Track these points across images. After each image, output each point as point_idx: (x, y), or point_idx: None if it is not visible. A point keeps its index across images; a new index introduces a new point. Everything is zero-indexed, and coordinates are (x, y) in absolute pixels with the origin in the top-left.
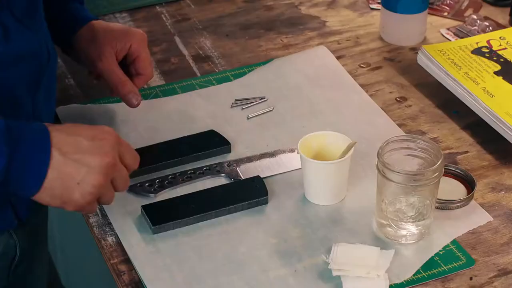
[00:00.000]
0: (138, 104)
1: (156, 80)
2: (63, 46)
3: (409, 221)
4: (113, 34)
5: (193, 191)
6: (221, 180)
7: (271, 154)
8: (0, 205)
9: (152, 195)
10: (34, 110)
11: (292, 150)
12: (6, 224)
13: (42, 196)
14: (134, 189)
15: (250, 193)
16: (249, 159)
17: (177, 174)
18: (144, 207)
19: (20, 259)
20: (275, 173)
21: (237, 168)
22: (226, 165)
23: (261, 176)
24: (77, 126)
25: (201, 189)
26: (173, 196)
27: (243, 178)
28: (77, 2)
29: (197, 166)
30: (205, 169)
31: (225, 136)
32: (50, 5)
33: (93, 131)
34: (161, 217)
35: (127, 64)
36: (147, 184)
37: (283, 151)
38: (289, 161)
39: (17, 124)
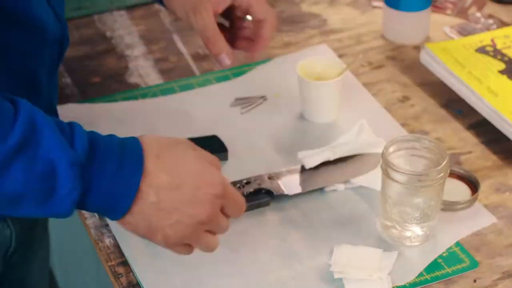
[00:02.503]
0: (230, 64)
1: (155, 79)
2: None
3: (414, 222)
4: None
5: None
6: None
7: (314, 167)
8: None
9: None
10: (50, 94)
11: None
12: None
13: (124, 224)
14: None
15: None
16: (290, 172)
17: None
18: None
19: (15, 249)
20: (320, 187)
21: (279, 181)
22: (266, 177)
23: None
24: (187, 167)
25: None
26: None
27: (285, 193)
28: None
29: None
30: (245, 183)
31: (225, 136)
32: None
33: (200, 180)
34: None
35: (234, 20)
36: None
37: (325, 163)
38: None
39: (105, 139)
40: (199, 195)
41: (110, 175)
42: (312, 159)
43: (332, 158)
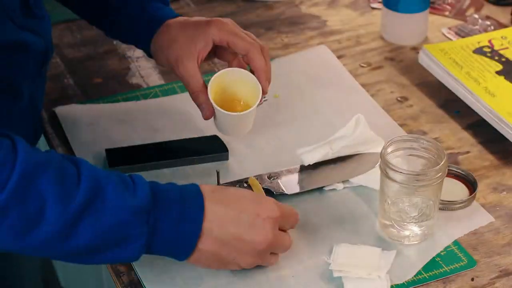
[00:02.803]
0: (208, 118)
1: (156, 80)
2: (144, 49)
3: (412, 222)
4: (189, 33)
5: None
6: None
7: (313, 166)
8: None
9: None
10: (33, 100)
11: (334, 162)
12: None
13: (195, 262)
14: None
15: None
16: (289, 171)
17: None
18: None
19: None
20: (319, 186)
21: (278, 181)
22: (266, 177)
23: (301, 190)
24: (241, 197)
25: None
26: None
27: (285, 192)
28: (159, 2)
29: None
30: (245, 183)
31: (225, 136)
32: (128, 6)
33: (257, 206)
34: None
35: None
36: None
37: (324, 163)
38: (329, 176)
39: (165, 186)
40: (259, 221)
41: (174, 218)
42: (310, 155)
43: (331, 154)
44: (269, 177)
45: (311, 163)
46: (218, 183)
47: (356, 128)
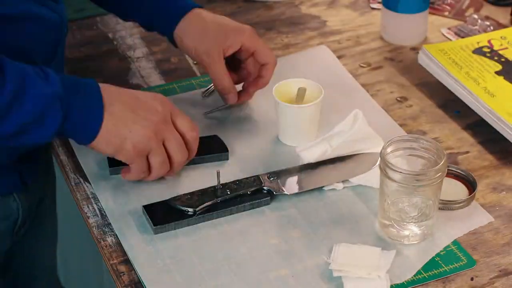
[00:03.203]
0: (234, 101)
1: (156, 80)
2: (164, 33)
3: (411, 221)
4: (223, 31)
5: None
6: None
7: (312, 166)
8: (7, 169)
9: (191, 209)
10: None
11: (333, 161)
12: (11, 188)
13: (99, 143)
14: (171, 202)
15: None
16: (289, 171)
17: (217, 187)
18: (146, 207)
19: (23, 222)
20: (319, 186)
21: (278, 181)
22: (266, 177)
23: (301, 190)
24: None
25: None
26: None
27: (285, 192)
28: None
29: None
30: (245, 183)
31: (225, 135)
32: None
33: (149, 93)
34: (162, 217)
35: (240, 59)
36: (186, 197)
37: (324, 163)
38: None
39: (72, 78)
40: (151, 101)
41: (81, 107)
42: (309, 152)
43: (330, 151)
44: (269, 177)
45: (310, 161)
46: (218, 183)
47: (354, 123)
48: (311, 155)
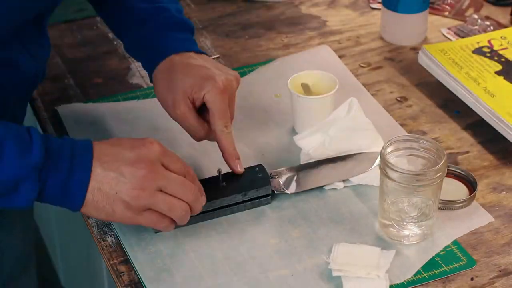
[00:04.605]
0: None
1: None
2: (148, 75)
3: (411, 221)
4: (188, 79)
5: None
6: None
7: (312, 166)
8: None
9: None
10: (15, 118)
11: (334, 161)
12: None
13: (88, 209)
14: None
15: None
16: (290, 170)
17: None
18: None
19: None
20: (319, 185)
21: (279, 180)
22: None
23: (301, 189)
24: (120, 139)
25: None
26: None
27: (286, 191)
28: (179, 32)
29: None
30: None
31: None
32: (147, 27)
33: (134, 142)
34: None
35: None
36: None
37: (324, 162)
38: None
39: (58, 143)
40: (136, 153)
41: (63, 176)
42: (307, 140)
43: (328, 140)
44: (269, 176)
45: (309, 150)
46: (221, 182)
47: (349, 111)
48: (308, 143)
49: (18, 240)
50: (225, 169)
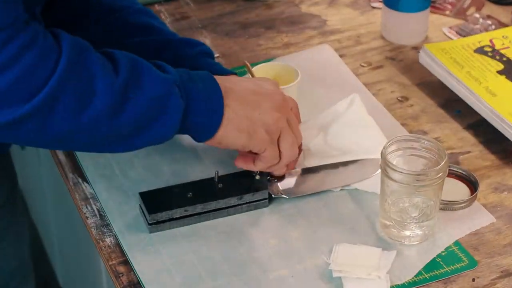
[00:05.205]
0: None
1: None
2: None
3: (412, 222)
4: None
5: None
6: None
7: (314, 170)
8: None
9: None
10: None
11: (335, 166)
12: None
13: (228, 130)
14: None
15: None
16: (290, 174)
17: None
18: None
19: None
20: (319, 191)
21: (278, 184)
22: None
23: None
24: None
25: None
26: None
27: (284, 196)
28: (209, 57)
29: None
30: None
31: None
32: (180, 62)
33: (259, 78)
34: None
35: None
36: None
37: (325, 167)
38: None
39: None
40: (270, 86)
41: (201, 89)
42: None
43: (330, 139)
44: (269, 180)
45: (309, 144)
46: (217, 184)
47: (350, 106)
48: (305, 137)
49: (9, 255)
50: (223, 171)
